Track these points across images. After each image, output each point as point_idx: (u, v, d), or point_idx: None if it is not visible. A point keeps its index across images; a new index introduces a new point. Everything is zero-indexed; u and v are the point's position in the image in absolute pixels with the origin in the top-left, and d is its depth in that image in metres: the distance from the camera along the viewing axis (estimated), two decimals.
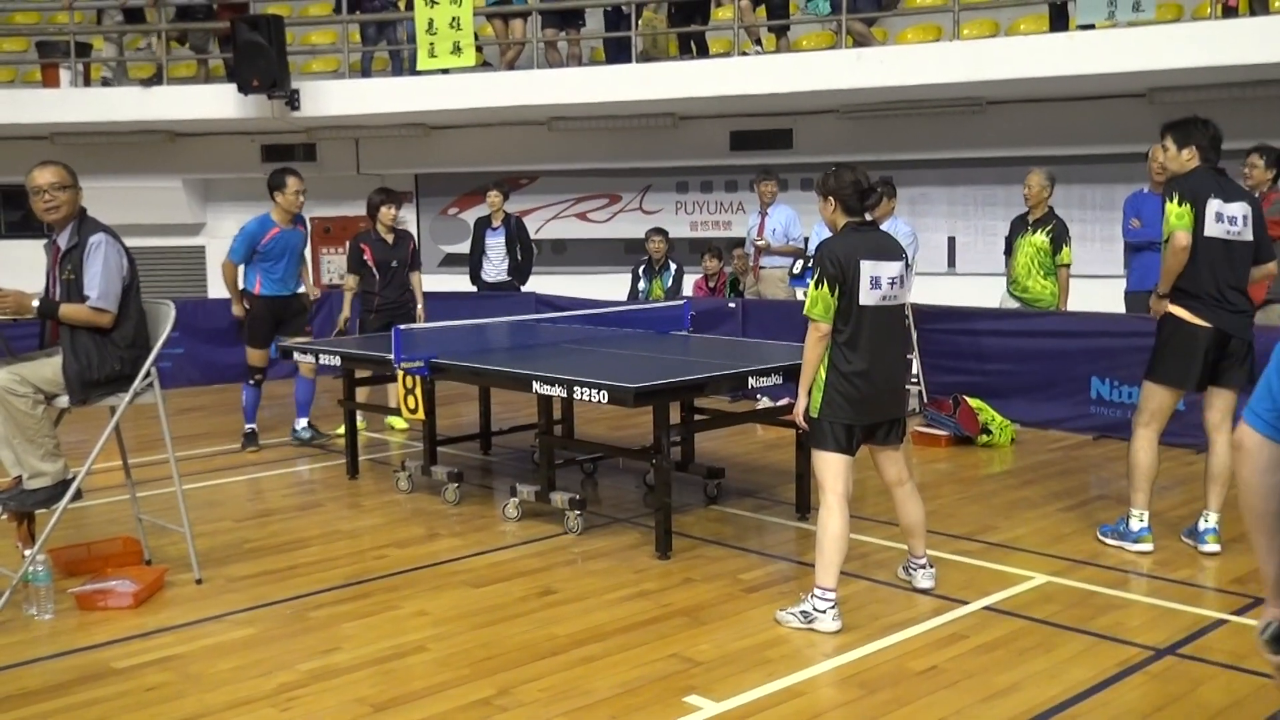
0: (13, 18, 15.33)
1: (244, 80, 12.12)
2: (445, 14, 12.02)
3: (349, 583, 5.48)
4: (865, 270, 4.75)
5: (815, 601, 4.74)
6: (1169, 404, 5.76)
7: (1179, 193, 5.51)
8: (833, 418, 4.78)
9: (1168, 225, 5.50)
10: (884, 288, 4.81)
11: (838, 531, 4.74)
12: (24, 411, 5.02)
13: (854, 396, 4.76)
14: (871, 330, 4.77)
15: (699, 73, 11.83)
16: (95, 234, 5.20)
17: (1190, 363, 5.58)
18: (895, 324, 4.95)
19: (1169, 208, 5.50)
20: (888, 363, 4.87)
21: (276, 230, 8.40)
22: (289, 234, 8.47)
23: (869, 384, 4.77)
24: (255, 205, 14.73)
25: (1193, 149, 5.65)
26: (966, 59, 10.70)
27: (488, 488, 7.39)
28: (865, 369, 4.76)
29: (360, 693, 4.21)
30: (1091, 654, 4.49)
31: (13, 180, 7.29)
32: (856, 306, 4.75)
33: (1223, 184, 5.61)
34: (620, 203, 14.12)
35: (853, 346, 4.76)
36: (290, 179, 8.43)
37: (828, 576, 4.74)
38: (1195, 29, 10.11)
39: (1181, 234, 5.46)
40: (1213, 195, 5.53)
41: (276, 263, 8.40)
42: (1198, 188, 5.52)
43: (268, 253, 8.36)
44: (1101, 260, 11.16)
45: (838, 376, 4.77)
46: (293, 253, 8.51)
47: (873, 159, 12.28)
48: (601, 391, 5.55)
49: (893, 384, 4.96)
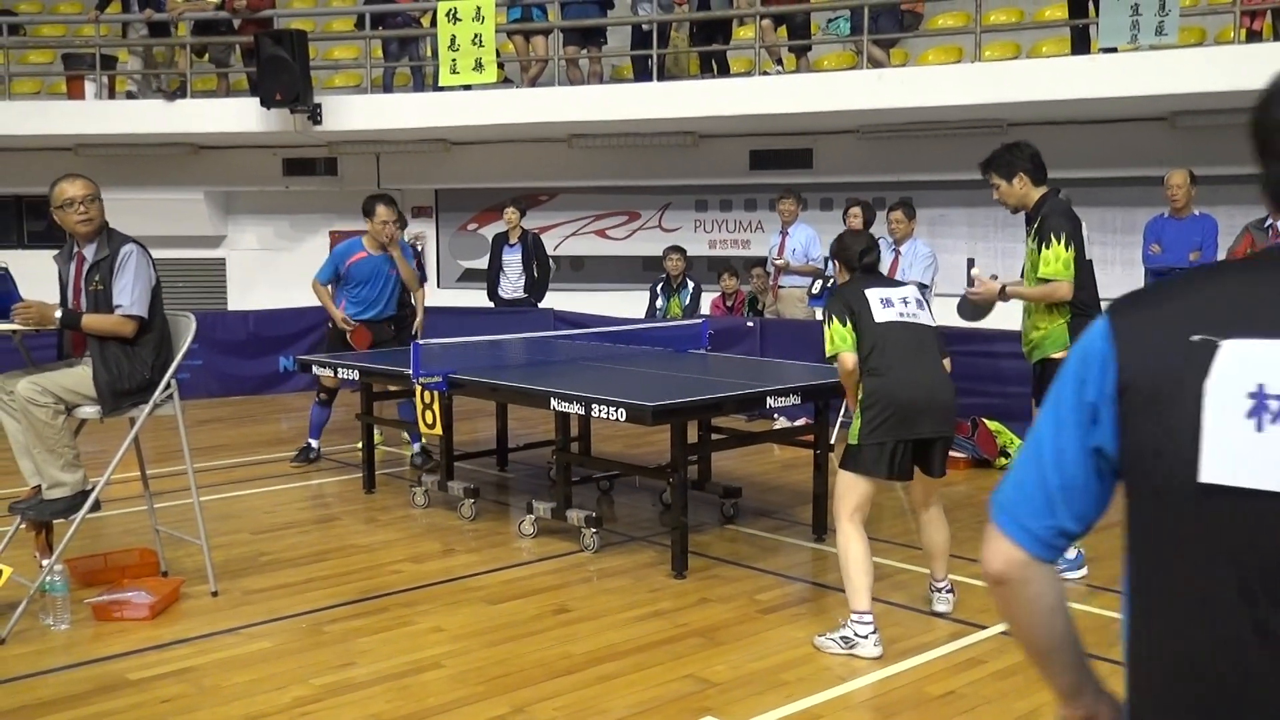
0: (39, 30, 15.45)
1: (267, 94, 12.18)
2: (468, 31, 12.07)
3: (364, 597, 5.48)
4: (872, 296, 4.86)
5: (855, 627, 4.70)
6: None
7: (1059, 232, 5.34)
8: (871, 440, 4.75)
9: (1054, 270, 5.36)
10: (897, 305, 4.85)
11: (859, 554, 4.72)
12: (44, 421, 5.04)
13: (890, 415, 4.73)
14: (895, 346, 4.78)
15: (719, 92, 11.84)
16: (125, 245, 5.24)
17: None
18: (923, 340, 4.92)
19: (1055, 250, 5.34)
20: (922, 377, 4.83)
21: (363, 255, 8.30)
22: (377, 260, 8.33)
23: (904, 399, 4.75)
24: (276, 218, 14.91)
25: (1023, 177, 5.51)
26: (988, 81, 10.68)
27: (504, 504, 7.39)
28: (896, 385, 4.75)
29: (375, 708, 4.20)
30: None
31: (36, 191, 7.35)
32: (873, 326, 4.80)
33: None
34: (639, 220, 14.13)
35: (880, 366, 4.76)
36: (380, 207, 8.30)
37: (860, 600, 4.71)
38: (1218, 53, 10.08)
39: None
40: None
41: (360, 287, 8.31)
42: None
43: (351, 277, 8.29)
44: (1122, 284, 11.10)
45: (872, 400, 4.76)
46: (382, 279, 8.37)
47: (892, 179, 12.28)
48: (619, 409, 5.54)
49: (934, 399, 4.86)
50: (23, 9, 15.81)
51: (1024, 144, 5.65)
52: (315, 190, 14.66)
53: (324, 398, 8.47)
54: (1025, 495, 1.55)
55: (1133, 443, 1.44)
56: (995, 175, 5.60)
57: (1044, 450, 1.53)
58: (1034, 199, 5.57)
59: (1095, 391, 1.46)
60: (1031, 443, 1.55)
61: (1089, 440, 1.49)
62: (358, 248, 8.35)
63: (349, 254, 8.33)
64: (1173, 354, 1.39)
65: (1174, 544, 1.40)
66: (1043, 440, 1.53)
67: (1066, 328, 5.43)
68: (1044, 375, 5.54)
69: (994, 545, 1.58)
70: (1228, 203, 10.46)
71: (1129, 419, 1.43)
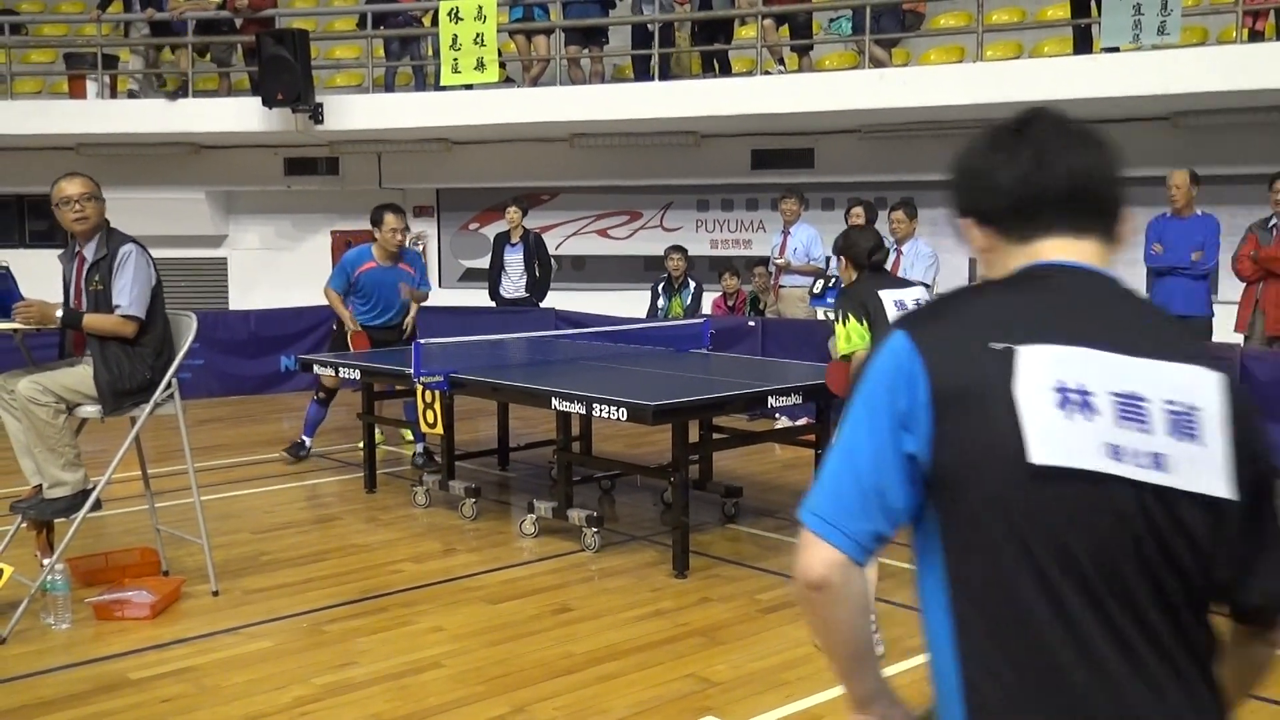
0: (41, 29, 15.46)
1: (268, 94, 12.18)
2: (469, 30, 12.06)
3: (365, 597, 5.48)
4: (885, 298, 4.82)
5: None
6: None
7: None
8: None
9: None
10: (910, 306, 4.84)
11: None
12: (45, 420, 5.04)
13: None
14: None
15: (721, 91, 11.84)
16: (125, 245, 5.24)
17: None
18: None
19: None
20: None
21: (372, 265, 8.31)
22: (386, 270, 8.33)
23: None
24: (277, 218, 14.91)
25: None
26: (989, 80, 10.67)
27: (505, 503, 7.38)
28: None
29: (375, 708, 4.19)
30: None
31: (38, 190, 7.35)
32: (886, 326, 4.78)
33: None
34: (641, 220, 14.12)
35: None
36: (388, 216, 8.30)
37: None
38: (1220, 53, 10.07)
39: None
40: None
41: (369, 297, 8.33)
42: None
43: (360, 286, 8.30)
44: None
45: None
46: (390, 289, 8.38)
47: (894, 179, 12.27)
48: (620, 409, 5.54)
49: None
50: (24, 8, 15.82)
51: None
52: (317, 190, 14.66)
53: (322, 396, 8.47)
54: (842, 501, 1.59)
55: (957, 444, 1.53)
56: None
57: (859, 457, 1.58)
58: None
59: (907, 401, 1.55)
60: (843, 451, 1.60)
61: (903, 447, 1.56)
62: (367, 257, 8.34)
63: (359, 263, 8.32)
64: (978, 361, 1.54)
65: (1004, 533, 1.51)
66: (857, 447, 1.59)
67: None
68: None
69: (814, 551, 1.61)
70: (1230, 202, 10.45)
71: (949, 424, 1.54)
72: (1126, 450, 1.51)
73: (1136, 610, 1.51)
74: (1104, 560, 1.49)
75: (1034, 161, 1.72)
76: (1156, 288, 8.93)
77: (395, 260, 8.38)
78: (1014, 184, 1.71)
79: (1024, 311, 1.61)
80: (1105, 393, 1.53)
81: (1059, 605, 1.50)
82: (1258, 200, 9.50)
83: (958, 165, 1.82)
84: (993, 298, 1.66)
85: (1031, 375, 1.52)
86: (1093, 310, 1.62)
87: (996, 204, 1.73)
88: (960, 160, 1.83)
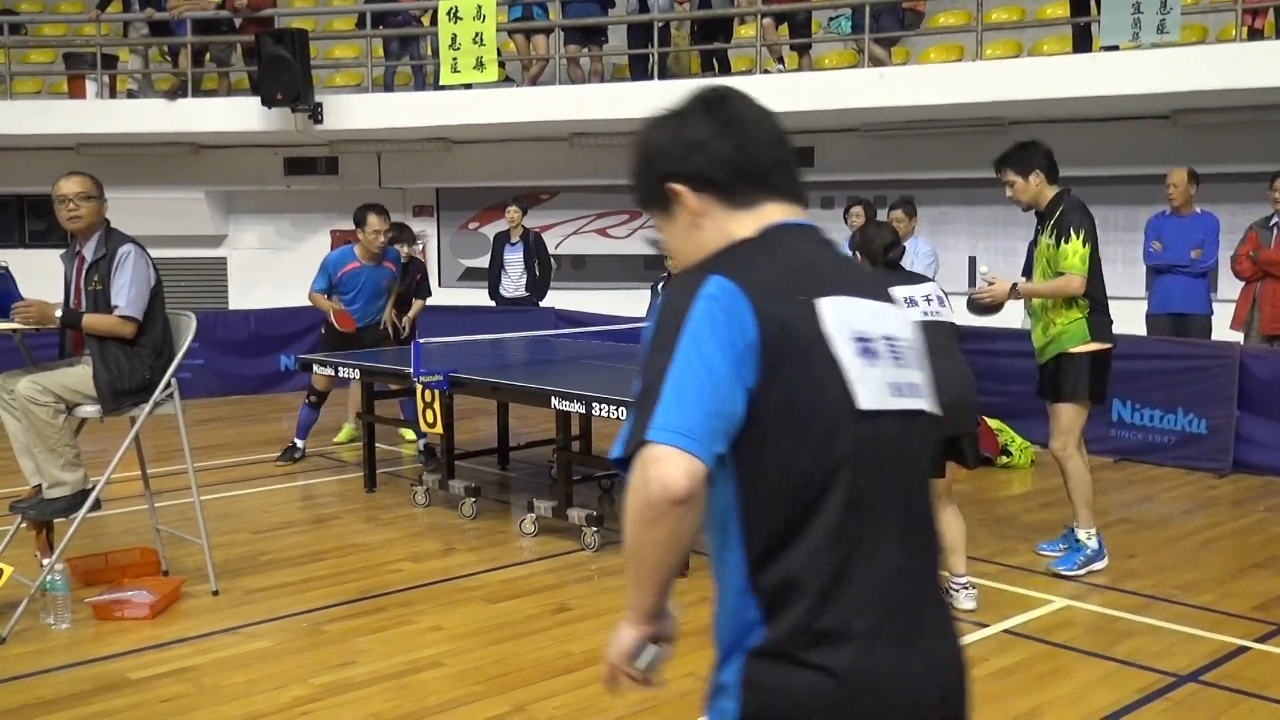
0: (40, 29, 15.46)
1: (267, 93, 12.18)
2: (468, 30, 12.06)
3: (364, 597, 5.48)
4: (897, 294, 4.79)
5: None
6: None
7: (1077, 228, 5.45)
8: None
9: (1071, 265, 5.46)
10: (921, 304, 4.86)
11: None
12: (45, 420, 5.04)
13: None
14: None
15: None
16: (124, 245, 5.23)
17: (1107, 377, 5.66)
18: (948, 338, 4.96)
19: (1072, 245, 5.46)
20: (948, 375, 4.84)
21: (356, 265, 8.34)
22: (369, 271, 8.37)
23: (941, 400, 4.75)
24: (277, 217, 14.91)
25: (1039, 174, 5.59)
26: (989, 79, 10.68)
27: (505, 503, 7.39)
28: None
29: (374, 708, 4.19)
30: (1112, 680, 4.44)
31: (38, 190, 7.35)
32: None
33: None
34: (640, 219, 14.11)
35: None
36: (371, 216, 8.32)
37: None
38: (1220, 51, 10.07)
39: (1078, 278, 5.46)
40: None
41: (352, 297, 8.36)
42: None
43: (344, 285, 8.32)
44: (1123, 282, 11.08)
45: None
46: (373, 289, 8.43)
47: (894, 178, 12.27)
48: (620, 408, 5.54)
49: (963, 397, 4.91)
50: (24, 8, 15.81)
51: (1038, 142, 5.73)
52: (316, 189, 14.65)
53: (313, 400, 8.48)
54: (693, 420, 1.63)
55: (787, 382, 1.68)
56: (1011, 172, 5.65)
57: (705, 382, 1.65)
58: (1048, 197, 5.63)
59: (742, 340, 1.67)
60: (687, 376, 1.65)
61: (740, 379, 1.67)
62: (350, 257, 8.37)
63: (342, 263, 8.35)
64: (792, 309, 1.71)
65: (820, 463, 1.69)
66: (704, 374, 1.65)
67: (1085, 323, 5.51)
68: (1060, 370, 5.56)
69: (675, 464, 1.62)
70: (1230, 200, 10.44)
71: (778, 363, 1.68)
72: (901, 385, 1.79)
73: (912, 508, 1.80)
74: (895, 477, 1.76)
75: (747, 133, 1.87)
76: (1155, 285, 8.94)
77: (378, 260, 8.42)
78: (734, 153, 1.85)
79: (797, 266, 1.78)
80: (879, 337, 1.78)
81: (862, 516, 1.71)
82: (1256, 198, 9.50)
83: (666, 136, 1.90)
84: (768, 254, 1.79)
85: (834, 325, 1.72)
86: (834, 264, 1.85)
87: (718, 172, 1.85)
88: (667, 132, 1.91)
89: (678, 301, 1.71)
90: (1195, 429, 8.09)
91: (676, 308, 1.70)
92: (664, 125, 1.92)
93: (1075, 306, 5.52)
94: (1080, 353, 5.55)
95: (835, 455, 1.70)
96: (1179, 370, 8.18)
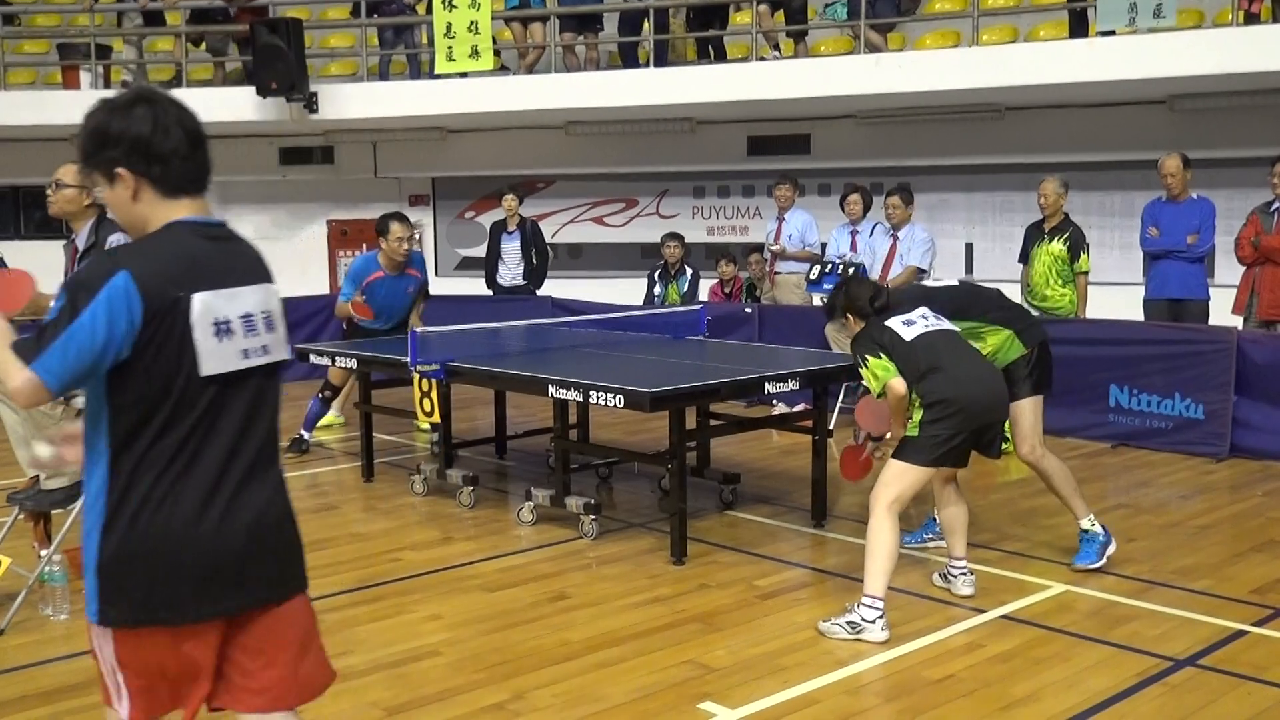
0: (34, 20, 15.41)
1: (262, 83, 12.15)
2: (464, 18, 12.03)
3: (362, 585, 5.48)
4: (894, 324, 4.92)
5: (864, 611, 4.69)
6: None
7: None
8: (938, 431, 4.77)
9: None
10: (919, 322, 5.00)
11: (891, 543, 4.73)
12: (42, 412, 5.03)
13: (958, 409, 4.76)
14: (936, 350, 4.86)
15: (717, 78, 11.82)
16: (114, 234, 5.21)
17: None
18: (957, 340, 5.03)
19: None
20: (974, 372, 4.92)
21: (380, 275, 8.20)
22: (392, 281, 8.24)
23: (969, 392, 4.80)
24: (273, 207, 14.88)
25: None
26: (986, 65, 10.66)
27: (503, 491, 7.39)
28: (958, 379, 4.80)
29: (373, 696, 4.20)
30: (1110, 664, 4.45)
31: (34, 181, 7.33)
32: (906, 345, 4.86)
33: None
34: (637, 207, 14.11)
35: (936, 364, 4.81)
36: (394, 225, 8.13)
37: (878, 585, 4.71)
38: (1216, 35, 10.06)
39: None
40: None
41: (376, 306, 8.24)
42: None
43: (367, 296, 8.17)
44: (1120, 268, 11.11)
45: (937, 396, 4.78)
46: (398, 298, 8.33)
47: (891, 164, 12.26)
48: (617, 396, 5.54)
49: (994, 387, 4.96)
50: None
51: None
52: (312, 179, 14.64)
53: (327, 395, 8.46)
54: (64, 365, 2.32)
55: (155, 355, 2.36)
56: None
57: (86, 345, 2.30)
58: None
59: (126, 323, 2.32)
60: (77, 337, 2.30)
61: (115, 350, 2.33)
62: (374, 266, 8.25)
63: (366, 272, 8.22)
64: (170, 301, 2.37)
65: (180, 415, 2.41)
66: (87, 341, 2.30)
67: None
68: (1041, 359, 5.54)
69: (36, 386, 2.32)
70: (1227, 185, 10.45)
71: (152, 342, 2.35)
72: (250, 350, 2.50)
73: (253, 431, 2.51)
74: (246, 417, 2.49)
75: (178, 131, 2.47)
76: (1153, 271, 8.93)
77: (401, 269, 8.29)
78: (175, 148, 2.45)
79: (184, 263, 2.42)
80: (236, 318, 2.47)
81: (219, 451, 2.44)
82: (1254, 183, 9.50)
83: (118, 124, 2.42)
84: (169, 248, 2.43)
85: (199, 314, 2.40)
86: (223, 257, 2.52)
87: (160, 166, 2.44)
88: (120, 120, 2.42)
89: (95, 281, 2.33)
90: (1193, 414, 8.09)
91: (93, 285, 2.32)
92: (116, 113, 2.42)
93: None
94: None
95: (185, 408, 2.39)
96: (1176, 355, 8.18)
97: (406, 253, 8.24)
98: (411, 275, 8.40)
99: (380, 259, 8.26)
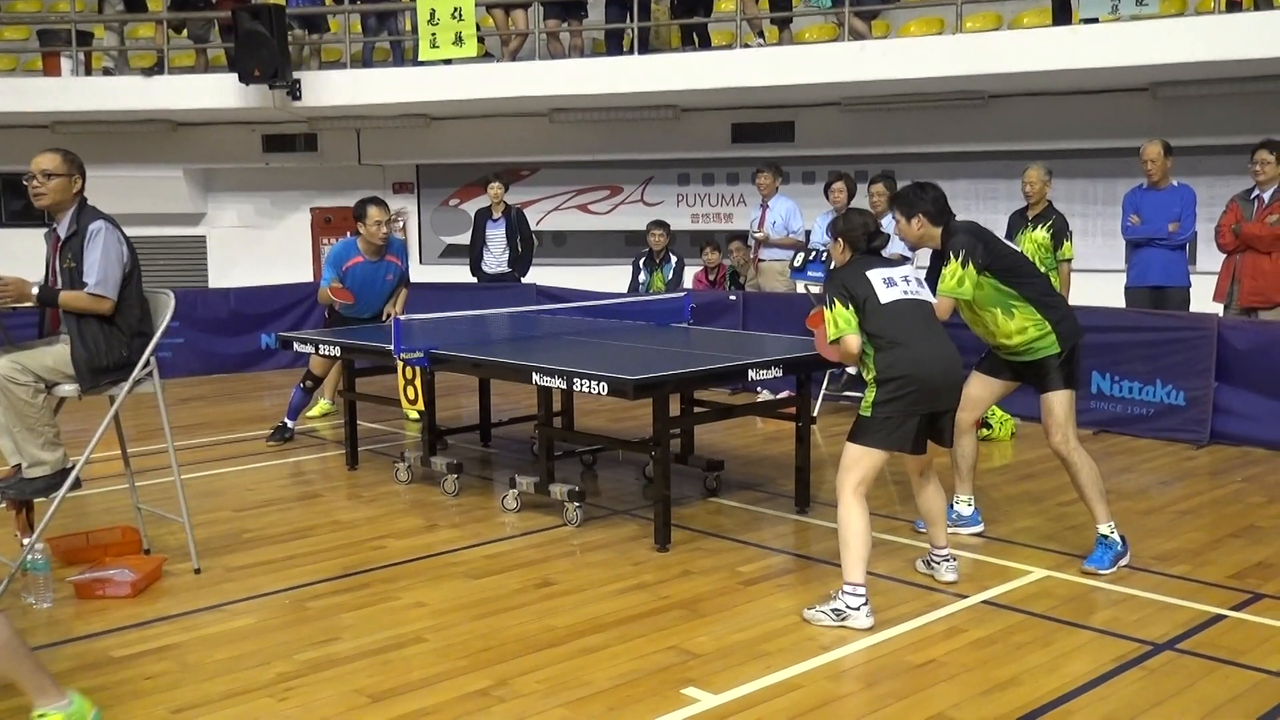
0: (14, 6, 15.30)
1: (245, 70, 12.10)
2: (447, 4, 12.00)
3: (347, 573, 5.48)
4: (875, 277, 4.84)
5: (846, 599, 4.71)
6: None
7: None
8: (889, 413, 4.75)
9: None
10: (900, 284, 4.87)
11: (861, 528, 4.73)
12: (24, 400, 5.01)
13: (912, 390, 4.74)
14: (907, 322, 4.79)
15: (701, 65, 11.81)
16: (95, 221, 5.19)
17: None
18: (929, 316, 4.96)
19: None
20: (937, 351, 4.85)
21: (359, 260, 8.22)
22: (371, 266, 8.25)
23: (925, 373, 4.76)
24: (256, 195, 14.84)
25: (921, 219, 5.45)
26: (969, 52, 10.68)
27: (487, 479, 7.39)
28: (916, 358, 4.75)
29: (358, 683, 4.20)
30: (1090, 648, 4.48)
31: (15, 169, 7.29)
32: (879, 306, 4.79)
33: None
34: (621, 195, 14.11)
35: (897, 338, 4.76)
36: (371, 209, 8.14)
37: (856, 572, 4.72)
38: (1199, 23, 10.09)
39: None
40: None
41: (355, 292, 8.23)
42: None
43: (346, 281, 8.18)
44: (1103, 255, 11.15)
45: (892, 372, 4.75)
46: (376, 285, 8.33)
47: (874, 152, 12.28)
48: (601, 383, 5.54)
49: (950, 373, 4.91)
50: None
51: (930, 184, 5.64)
52: (295, 166, 14.59)
53: (309, 385, 8.45)
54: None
55: None
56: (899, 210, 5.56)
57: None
58: (935, 237, 5.50)
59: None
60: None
61: None
62: (354, 251, 8.25)
63: (346, 257, 8.23)
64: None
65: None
66: None
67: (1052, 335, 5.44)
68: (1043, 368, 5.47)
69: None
70: (1208, 173, 10.50)
71: None
72: None
73: None
74: None
75: None
76: (1134, 259, 8.97)
77: (381, 254, 8.29)
78: None
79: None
80: None
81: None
82: (1235, 171, 9.54)
83: None
84: None
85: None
86: None
87: None
88: None
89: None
90: (1174, 400, 8.14)
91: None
92: None
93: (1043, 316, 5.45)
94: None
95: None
96: (1157, 342, 8.22)
97: (385, 236, 8.24)
98: (391, 262, 8.40)
99: (359, 244, 8.28)
